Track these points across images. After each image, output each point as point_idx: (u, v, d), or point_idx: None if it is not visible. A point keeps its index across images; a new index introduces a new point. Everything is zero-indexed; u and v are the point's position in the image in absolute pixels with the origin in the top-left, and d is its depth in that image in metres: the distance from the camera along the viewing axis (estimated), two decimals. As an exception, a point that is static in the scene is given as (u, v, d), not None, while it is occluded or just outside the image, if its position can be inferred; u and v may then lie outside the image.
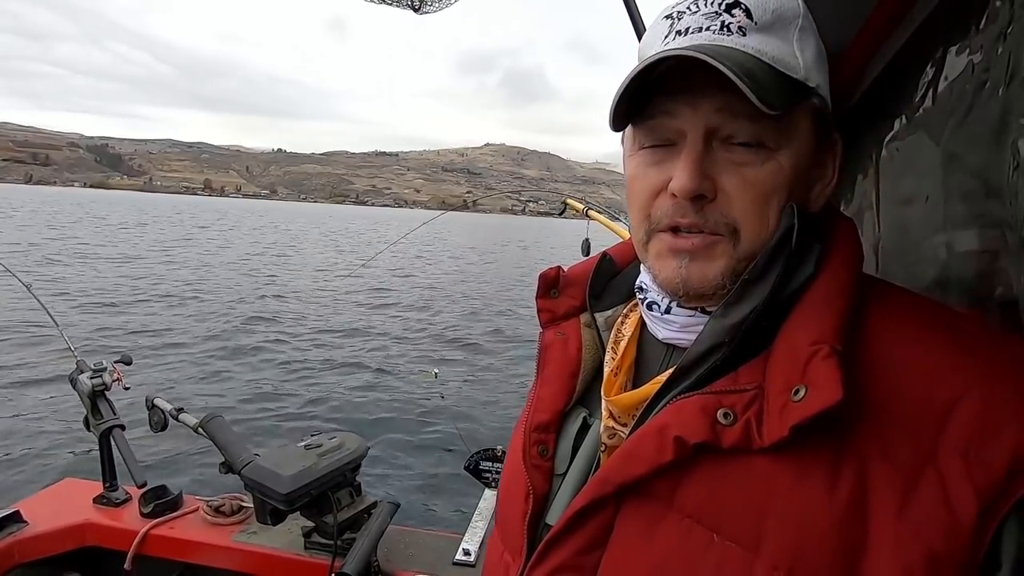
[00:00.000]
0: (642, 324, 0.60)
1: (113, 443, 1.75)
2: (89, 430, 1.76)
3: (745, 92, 0.42)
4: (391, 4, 1.20)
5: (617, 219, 3.20)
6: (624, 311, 0.63)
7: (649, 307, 0.57)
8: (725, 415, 0.44)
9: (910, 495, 0.39)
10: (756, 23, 0.47)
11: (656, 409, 0.49)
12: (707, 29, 0.48)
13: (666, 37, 0.50)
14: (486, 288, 14.49)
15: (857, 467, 0.41)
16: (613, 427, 0.55)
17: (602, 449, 0.56)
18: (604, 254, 0.67)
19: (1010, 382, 0.41)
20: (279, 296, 11.47)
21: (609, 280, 0.66)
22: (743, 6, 0.48)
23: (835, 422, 0.41)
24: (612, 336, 0.61)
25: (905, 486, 0.40)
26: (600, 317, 0.64)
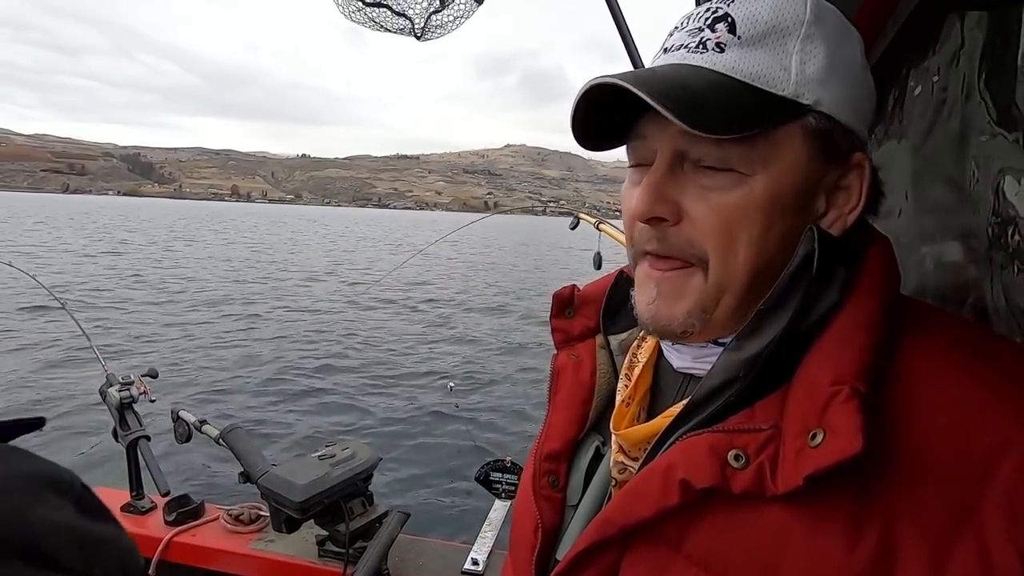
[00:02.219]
0: (660, 349, 0.56)
1: (139, 453, 1.82)
2: (117, 441, 1.84)
3: (666, 115, 0.40)
4: (394, 32, 1.27)
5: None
6: (641, 334, 0.60)
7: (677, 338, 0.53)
8: (736, 457, 0.41)
9: (943, 557, 0.35)
10: (740, 37, 0.45)
11: (665, 446, 0.46)
12: (684, 47, 0.47)
13: (657, 53, 0.50)
14: (506, 294, 14.46)
15: (883, 521, 0.37)
16: (623, 462, 0.52)
17: (613, 484, 0.53)
18: (621, 272, 0.62)
19: None
20: (297, 307, 11.68)
21: (626, 299, 0.60)
22: (729, 20, 0.45)
23: (855, 469, 0.37)
24: (627, 361, 0.58)
25: (937, 546, 0.35)
26: (614, 340, 0.60)
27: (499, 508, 1.84)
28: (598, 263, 2.99)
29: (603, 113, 0.47)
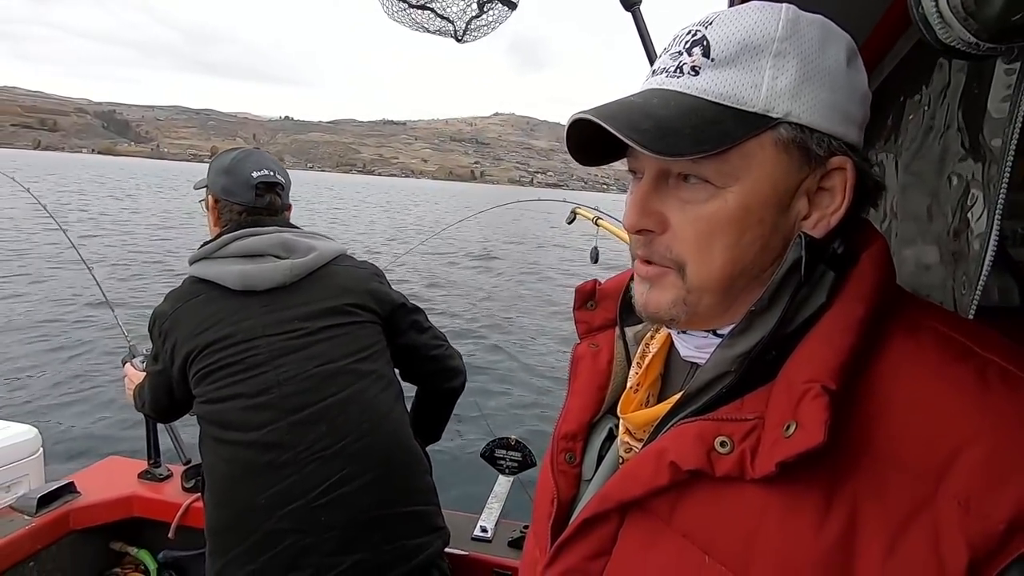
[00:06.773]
0: (671, 340, 0.60)
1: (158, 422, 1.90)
2: (138, 410, 1.91)
3: (634, 147, 0.45)
4: (434, 33, 1.36)
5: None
6: (654, 326, 0.64)
7: (667, 324, 0.57)
8: (722, 443, 0.45)
9: (900, 538, 0.39)
10: (713, 60, 0.48)
11: (664, 430, 0.51)
12: (664, 71, 0.50)
13: (648, 74, 0.54)
14: (516, 265, 13.89)
15: (848, 506, 0.41)
16: (629, 442, 0.57)
17: (620, 462, 0.58)
18: None
19: None
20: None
21: None
22: (704, 43, 0.48)
23: (828, 459, 0.41)
24: (640, 351, 0.63)
25: (896, 529, 0.39)
26: (630, 332, 0.65)
27: (503, 483, 1.96)
28: (595, 257, 3.10)
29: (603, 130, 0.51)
